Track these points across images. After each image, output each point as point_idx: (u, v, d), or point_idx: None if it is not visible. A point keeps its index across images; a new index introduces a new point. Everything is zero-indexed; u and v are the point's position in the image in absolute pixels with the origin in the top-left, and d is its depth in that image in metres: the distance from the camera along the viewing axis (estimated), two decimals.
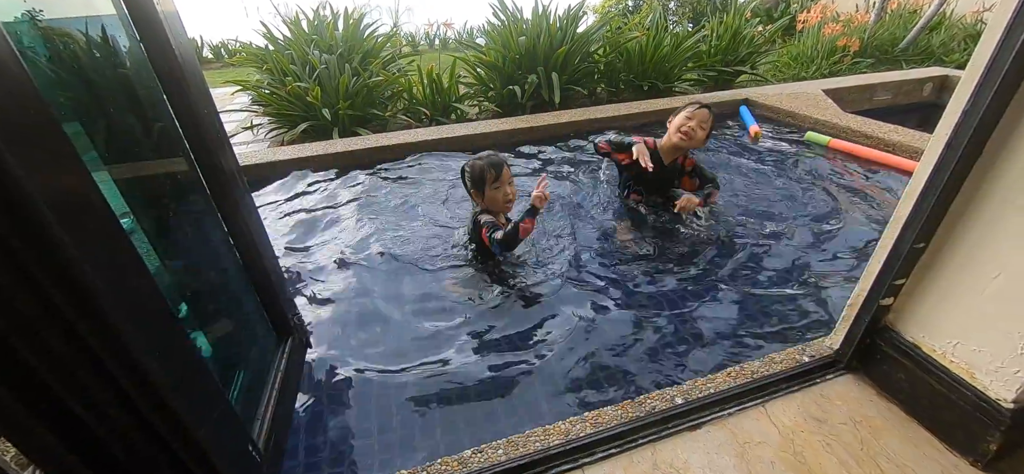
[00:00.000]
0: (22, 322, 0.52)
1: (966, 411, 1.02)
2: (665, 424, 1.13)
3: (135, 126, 1.01)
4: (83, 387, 0.59)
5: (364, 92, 3.84)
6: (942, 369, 1.06)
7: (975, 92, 0.87)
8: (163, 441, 0.69)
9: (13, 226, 0.49)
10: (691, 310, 1.69)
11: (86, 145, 0.89)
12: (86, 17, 0.93)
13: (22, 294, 0.52)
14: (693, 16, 7.84)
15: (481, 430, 1.27)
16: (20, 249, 0.50)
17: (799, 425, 1.13)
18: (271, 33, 4.38)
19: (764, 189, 2.58)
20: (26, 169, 0.49)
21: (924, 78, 4.61)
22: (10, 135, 0.48)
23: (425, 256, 2.04)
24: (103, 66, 0.97)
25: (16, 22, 0.81)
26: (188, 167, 1.05)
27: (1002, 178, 0.90)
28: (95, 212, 0.60)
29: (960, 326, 1.02)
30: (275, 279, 1.30)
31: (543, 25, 4.19)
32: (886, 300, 1.13)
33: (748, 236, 2.11)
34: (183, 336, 0.77)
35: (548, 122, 3.58)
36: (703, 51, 4.96)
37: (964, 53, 5.84)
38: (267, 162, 2.99)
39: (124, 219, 0.94)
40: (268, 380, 1.18)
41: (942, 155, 0.94)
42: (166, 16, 0.96)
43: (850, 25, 5.82)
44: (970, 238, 0.97)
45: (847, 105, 3.92)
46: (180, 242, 1.08)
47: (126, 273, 0.64)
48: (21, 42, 0.81)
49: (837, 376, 1.26)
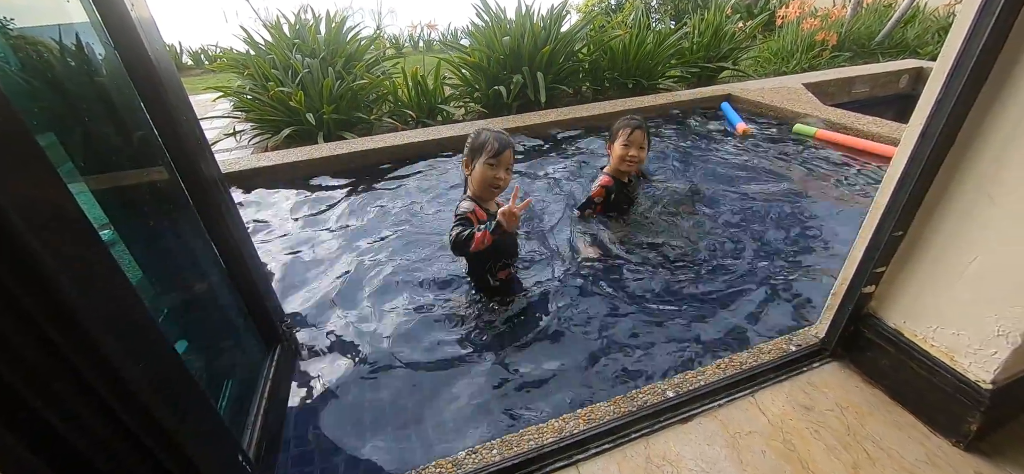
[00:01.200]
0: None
1: (948, 394, 1.05)
2: (657, 418, 1.14)
3: (112, 135, 0.99)
4: (62, 400, 0.58)
5: (349, 96, 3.81)
6: (923, 354, 1.09)
7: (946, 83, 0.90)
8: (150, 454, 0.68)
9: None
10: (679, 304, 1.70)
11: (62, 156, 0.87)
12: (59, 25, 0.91)
13: None
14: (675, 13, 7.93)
15: (475, 431, 1.27)
16: None
17: (788, 413, 1.15)
18: (252, 38, 4.32)
19: (748, 184, 2.62)
20: None
21: (900, 70, 4.73)
22: None
23: (415, 260, 2.03)
24: (78, 75, 0.94)
25: None
26: (169, 175, 1.03)
27: (975, 167, 0.93)
28: (71, 223, 0.59)
29: (939, 311, 1.05)
30: (262, 287, 1.28)
31: (527, 25, 4.20)
32: (868, 288, 1.16)
33: (731, 229, 2.14)
34: (167, 347, 0.75)
35: (534, 121, 3.58)
36: (686, 48, 5.02)
37: (938, 45, 6.01)
38: (251, 168, 2.95)
39: (104, 230, 0.92)
40: (257, 388, 1.17)
41: (917, 145, 0.97)
42: (141, 22, 0.94)
43: (827, 20, 5.94)
44: (946, 226, 1.00)
45: (827, 98, 4.01)
46: (162, 252, 1.06)
47: (106, 285, 0.63)
48: None
49: (823, 364, 1.29)
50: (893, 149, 2.82)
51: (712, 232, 2.13)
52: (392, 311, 1.74)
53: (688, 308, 1.69)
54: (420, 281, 1.89)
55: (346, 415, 1.33)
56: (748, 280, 1.82)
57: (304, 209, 2.57)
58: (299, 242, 2.24)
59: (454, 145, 3.28)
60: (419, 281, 1.89)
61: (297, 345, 1.48)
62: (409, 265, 1.99)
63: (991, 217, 0.92)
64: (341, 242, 2.20)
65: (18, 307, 0.52)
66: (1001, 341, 0.94)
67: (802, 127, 3.29)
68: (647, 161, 2.23)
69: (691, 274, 1.86)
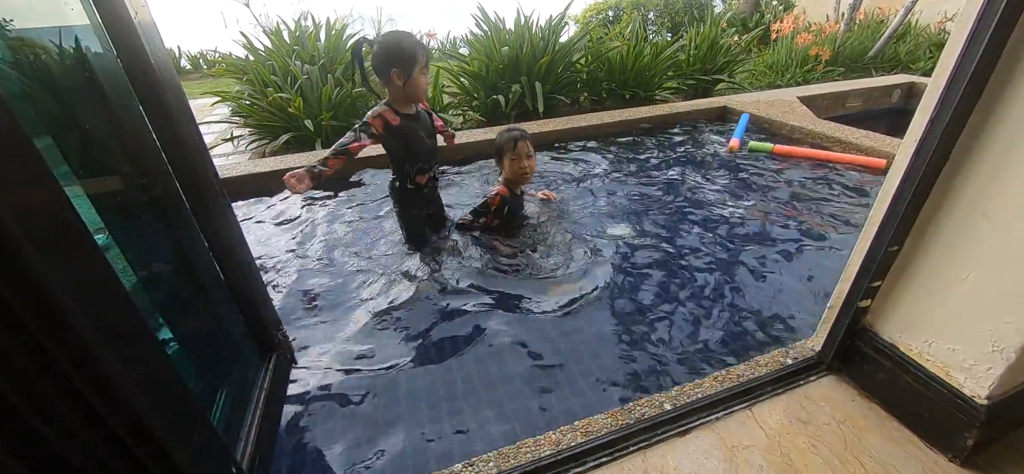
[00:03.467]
0: None
1: (943, 409, 1.05)
2: (655, 430, 1.14)
3: (110, 139, 0.98)
4: (52, 408, 0.56)
5: (348, 103, 3.82)
6: (919, 368, 1.09)
7: (940, 100, 0.91)
8: (140, 465, 0.67)
9: None
10: (676, 316, 1.70)
11: (58, 159, 0.86)
12: (58, 27, 0.90)
13: None
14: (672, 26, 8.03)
15: (471, 443, 1.26)
16: None
17: (785, 427, 1.15)
18: (251, 44, 4.32)
19: (740, 198, 2.64)
20: None
21: (892, 85, 4.80)
22: None
23: (414, 269, 2.02)
24: (76, 77, 0.94)
25: None
26: (166, 180, 1.02)
27: (969, 184, 0.94)
28: (66, 227, 0.58)
29: (935, 326, 1.06)
30: (258, 294, 1.27)
31: (525, 35, 4.24)
32: (864, 302, 1.16)
33: (721, 241, 2.15)
34: (161, 354, 0.74)
35: (533, 131, 3.58)
36: (682, 60, 5.08)
37: (929, 60, 6.12)
38: (248, 174, 2.94)
39: (99, 234, 0.91)
40: (252, 398, 1.15)
41: (912, 161, 0.98)
42: (142, 26, 0.94)
43: (821, 35, 6.04)
44: (941, 241, 1.01)
45: (821, 111, 4.06)
46: (158, 257, 1.04)
47: (100, 290, 0.62)
48: None
49: (820, 377, 1.29)
50: (848, 156, 2.94)
51: (705, 245, 2.14)
52: (387, 321, 1.72)
53: (684, 319, 1.69)
54: (419, 291, 1.88)
55: (340, 426, 1.32)
56: (742, 292, 1.82)
57: (300, 216, 2.56)
58: (294, 249, 2.23)
59: (452, 154, 3.28)
60: (418, 291, 1.88)
61: (292, 354, 1.46)
62: (406, 273, 1.98)
63: (986, 233, 0.93)
64: (337, 250, 2.19)
65: (8, 309, 0.51)
66: (996, 357, 0.95)
67: (757, 144, 3.35)
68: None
69: (684, 285, 1.86)
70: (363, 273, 2.00)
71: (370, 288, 1.90)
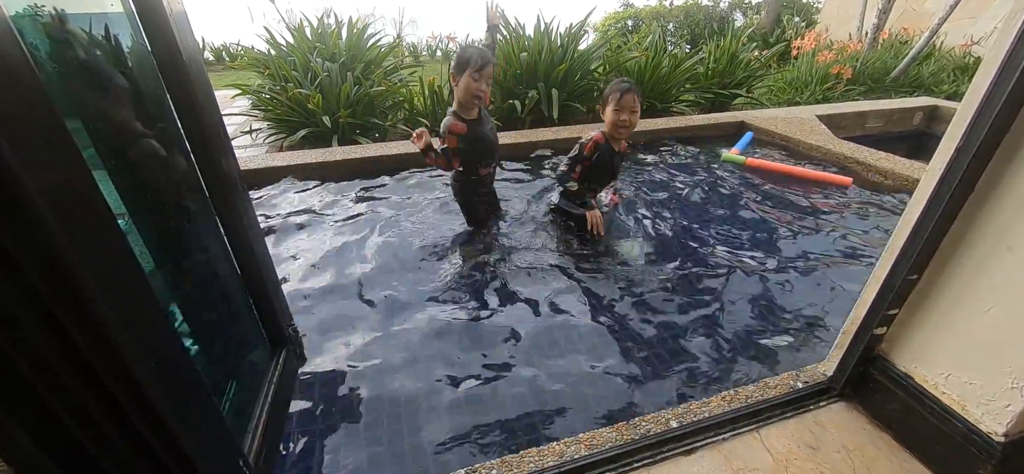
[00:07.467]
0: (7, 319, 0.51)
1: (958, 443, 1.02)
2: (660, 447, 1.13)
3: (137, 126, 1.00)
4: (69, 391, 0.57)
5: (365, 101, 3.86)
6: (934, 400, 1.07)
7: (969, 130, 0.89)
8: (150, 450, 0.68)
9: (8, 221, 0.48)
10: (685, 332, 1.69)
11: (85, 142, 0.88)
12: (91, 13, 0.93)
13: (11, 291, 0.50)
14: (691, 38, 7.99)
15: (474, 449, 1.26)
16: (12, 244, 0.49)
17: (793, 452, 1.13)
18: (274, 39, 4.40)
19: (750, 212, 2.61)
20: (24, 164, 0.48)
21: (915, 108, 4.71)
22: (13, 130, 0.48)
23: (423, 269, 2.03)
24: (107, 63, 0.96)
25: (20, 16, 0.81)
26: (189, 170, 1.04)
27: (994, 217, 0.92)
28: (92, 210, 0.59)
29: (952, 358, 1.03)
30: (272, 288, 1.28)
31: (545, 42, 4.25)
32: (879, 329, 1.14)
33: (729, 254, 2.13)
34: (176, 342, 0.75)
35: (548, 137, 3.60)
36: (701, 73, 5.04)
37: (953, 84, 5.99)
38: (265, 167, 2.98)
39: (120, 220, 0.93)
40: (261, 392, 1.16)
41: (936, 189, 0.96)
42: (174, 16, 0.96)
43: (843, 53, 5.95)
44: (963, 273, 0.99)
45: (840, 131, 4.00)
46: (177, 246, 1.06)
47: (120, 275, 0.63)
48: (25, 37, 0.81)
49: (830, 403, 1.26)
50: (815, 173, 2.98)
51: (716, 261, 2.12)
52: (397, 320, 1.73)
53: (693, 336, 1.67)
54: (427, 291, 1.89)
55: (347, 425, 1.33)
56: (754, 311, 1.80)
57: (314, 211, 2.59)
58: (307, 244, 2.26)
59: None
60: (426, 291, 1.89)
61: (302, 349, 1.47)
62: (416, 273, 2.00)
63: (1010, 267, 0.90)
64: (350, 246, 2.21)
65: (37, 298, 0.52)
66: (1015, 394, 0.92)
67: (730, 155, 3.37)
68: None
69: (694, 300, 1.84)
70: (378, 272, 2.01)
71: (383, 288, 1.91)
